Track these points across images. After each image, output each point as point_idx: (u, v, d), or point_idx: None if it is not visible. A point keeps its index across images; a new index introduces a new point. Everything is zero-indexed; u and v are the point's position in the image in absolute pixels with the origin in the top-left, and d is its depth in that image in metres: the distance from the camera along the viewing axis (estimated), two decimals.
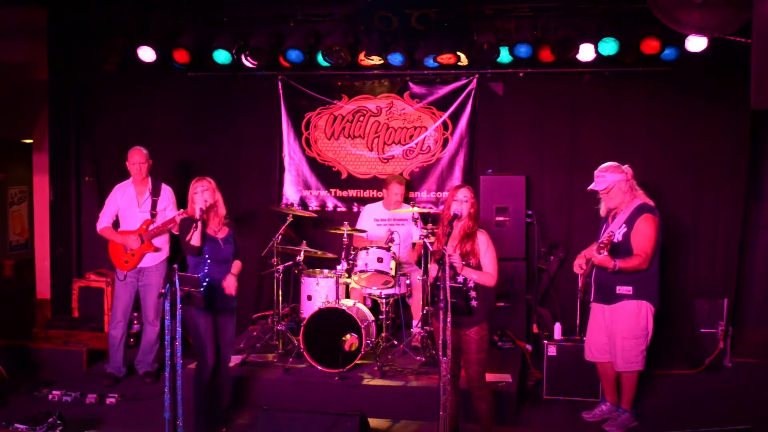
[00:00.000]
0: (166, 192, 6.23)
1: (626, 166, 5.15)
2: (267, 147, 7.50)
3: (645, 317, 5.06)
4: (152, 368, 6.26)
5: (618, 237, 5.00)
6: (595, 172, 5.13)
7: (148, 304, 6.20)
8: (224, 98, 7.47)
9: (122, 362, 6.26)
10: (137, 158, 6.11)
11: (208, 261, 4.96)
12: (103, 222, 6.17)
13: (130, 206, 6.13)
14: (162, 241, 6.17)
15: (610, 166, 5.10)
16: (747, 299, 6.93)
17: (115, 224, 6.19)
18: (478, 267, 4.53)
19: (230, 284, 5.03)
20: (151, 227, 6.05)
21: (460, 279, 4.49)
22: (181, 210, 5.75)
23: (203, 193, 4.95)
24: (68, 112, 7.52)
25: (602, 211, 5.26)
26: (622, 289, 5.02)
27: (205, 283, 4.83)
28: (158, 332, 6.23)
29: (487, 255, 4.55)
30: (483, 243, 4.56)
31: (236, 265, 5.14)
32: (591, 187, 5.14)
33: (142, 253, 6.08)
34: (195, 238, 4.84)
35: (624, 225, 5.02)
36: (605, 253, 4.78)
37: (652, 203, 5.11)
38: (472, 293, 4.51)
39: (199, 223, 4.85)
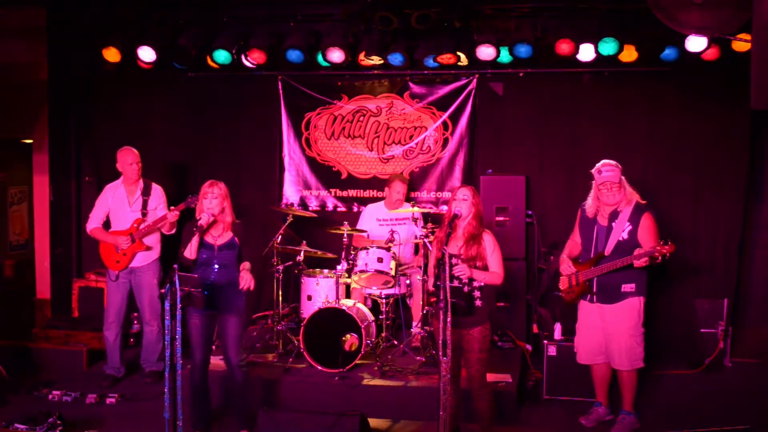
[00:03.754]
0: (157, 191, 6.15)
1: None
2: (267, 147, 7.50)
3: (642, 311, 5.11)
4: (158, 367, 6.18)
5: (624, 235, 5.01)
6: (601, 167, 5.04)
7: (143, 304, 6.14)
8: (224, 98, 7.47)
9: (120, 362, 6.23)
10: (131, 158, 6.03)
11: (203, 267, 4.90)
12: (93, 222, 6.09)
13: (121, 206, 6.06)
14: (153, 240, 6.10)
15: (612, 162, 5.08)
16: (747, 299, 6.92)
17: (106, 225, 6.11)
18: (485, 268, 4.54)
19: (244, 279, 4.95)
20: (142, 226, 5.98)
21: (465, 279, 4.49)
22: (172, 207, 5.75)
23: (212, 200, 4.88)
24: (68, 112, 7.52)
25: (589, 212, 5.16)
26: (627, 287, 5.03)
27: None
28: (157, 332, 6.18)
29: (493, 256, 4.57)
30: (489, 245, 4.57)
31: (244, 265, 5.07)
32: (607, 179, 4.98)
33: (134, 253, 6.02)
34: (191, 251, 4.79)
35: (628, 223, 5.02)
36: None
37: (644, 201, 5.11)
38: (477, 293, 4.52)
39: (197, 236, 4.78)
